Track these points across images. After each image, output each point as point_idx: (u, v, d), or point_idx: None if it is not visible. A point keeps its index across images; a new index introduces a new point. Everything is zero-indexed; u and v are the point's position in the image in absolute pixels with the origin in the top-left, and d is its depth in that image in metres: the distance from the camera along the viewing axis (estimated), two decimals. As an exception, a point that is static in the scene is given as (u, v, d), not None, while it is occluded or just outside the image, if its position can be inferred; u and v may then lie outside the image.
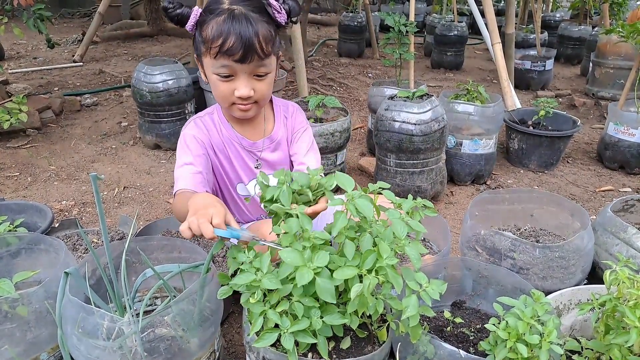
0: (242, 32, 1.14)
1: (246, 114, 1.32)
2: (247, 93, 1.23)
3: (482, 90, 2.54)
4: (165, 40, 6.16)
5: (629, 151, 2.66)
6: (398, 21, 2.50)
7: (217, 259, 1.58)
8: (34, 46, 5.66)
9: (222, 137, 1.41)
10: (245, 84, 1.23)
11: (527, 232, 1.74)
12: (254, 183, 1.46)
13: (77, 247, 1.64)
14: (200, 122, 1.41)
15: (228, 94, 1.25)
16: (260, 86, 1.26)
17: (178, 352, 1.00)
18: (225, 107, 1.32)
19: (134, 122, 3.32)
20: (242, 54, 1.16)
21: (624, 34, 2.72)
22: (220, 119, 1.41)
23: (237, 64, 1.19)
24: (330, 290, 0.86)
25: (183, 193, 1.23)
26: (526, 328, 0.94)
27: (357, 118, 3.59)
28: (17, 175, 2.59)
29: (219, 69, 1.21)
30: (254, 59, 1.18)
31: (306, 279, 0.84)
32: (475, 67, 5.37)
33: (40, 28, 2.96)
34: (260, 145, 1.43)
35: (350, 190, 0.92)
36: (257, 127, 1.44)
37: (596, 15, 6.09)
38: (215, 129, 1.41)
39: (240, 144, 1.42)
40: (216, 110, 1.43)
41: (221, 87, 1.25)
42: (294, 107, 1.51)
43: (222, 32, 1.15)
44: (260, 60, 1.20)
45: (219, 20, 1.16)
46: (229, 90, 1.24)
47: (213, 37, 1.16)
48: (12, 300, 1.04)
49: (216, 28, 1.16)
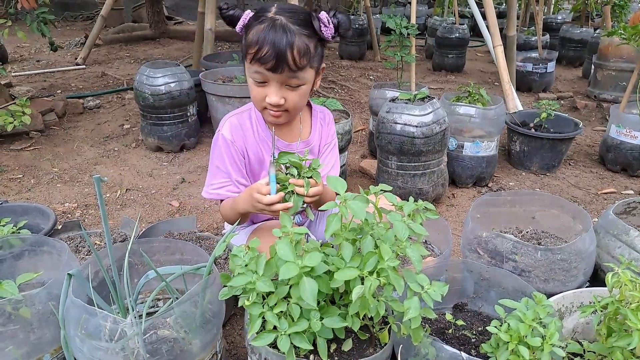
0: (276, 42, 1.16)
1: (277, 120, 1.33)
2: (276, 101, 1.25)
3: (483, 93, 2.54)
4: (167, 43, 6.18)
5: (631, 153, 2.66)
6: (399, 24, 2.51)
7: (219, 261, 1.58)
8: (37, 49, 5.69)
9: (257, 136, 1.42)
10: (275, 92, 1.25)
11: (529, 235, 1.74)
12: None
13: (80, 249, 1.64)
14: (236, 120, 1.42)
15: (260, 98, 1.28)
16: (291, 96, 1.27)
17: (180, 354, 1.01)
18: (259, 110, 1.35)
19: (136, 124, 3.33)
20: (274, 64, 1.18)
21: (626, 36, 2.72)
22: (258, 118, 1.43)
23: (269, 73, 1.21)
24: (314, 292, 0.85)
25: (224, 202, 1.43)
26: (528, 330, 0.94)
27: (359, 120, 3.59)
28: (20, 177, 2.60)
29: (253, 74, 1.24)
30: (285, 69, 1.20)
31: (290, 273, 0.84)
32: (476, 69, 5.37)
33: (44, 31, 2.98)
34: (295, 147, 1.44)
35: (342, 193, 0.93)
36: (293, 129, 1.46)
37: (598, 18, 6.09)
38: (251, 128, 1.42)
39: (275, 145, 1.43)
40: (254, 108, 1.45)
41: (255, 90, 1.28)
42: (330, 117, 1.55)
43: (259, 39, 1.18)
44: (291, 72, 1.21)
45: (260, 27, 1.19)
46: (261, 95, 1.27)
47: (251, 43, 1.20)
48: (15, 301, 1.04)
49: (256, 35, 1.19)
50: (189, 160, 2.88)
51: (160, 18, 6.40)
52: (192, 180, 2.62)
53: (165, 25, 6.46)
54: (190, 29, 6.16)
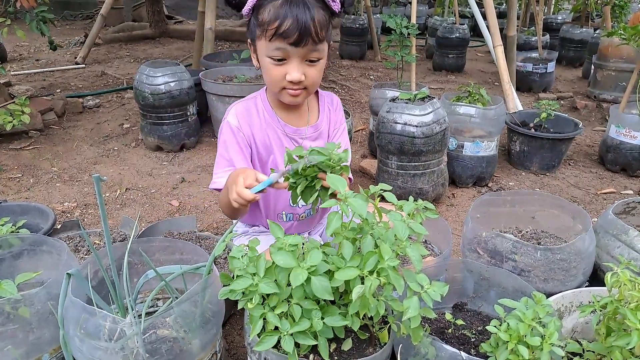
0: (299, 15, 1.16)
1: (296, 100, 1.32)
2: (298, 77, 1.24)
3: (483, 93, 2.54)
4: (167, 43, 6.18)
5: (631, 154, 2.66)
6: (400, 23, 2.51)
7: (219, 261, 1.58)
8: (37, 48, 5.69)
9: (264, 122, 1.41)
10: (297, 68, 1.24)
11: (529, 235, 1.74)
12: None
13: (79, 249, 1.64)
14: (241, 107, 1.42)
15: (280, 78, 1.26)
16: (311, 72, 1.27)
17: (179, 354, 1.00)
18: (276, 91, 1.33)
19: (136, 124, 3.33)
20: (298, 37, 1.18)
21: (626, 37, 2.72)
22: (264, 105, 1.42)
23: (291, 47, 1.20)
24: (327, 288, 0.86)
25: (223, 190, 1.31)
26: (527, 330, 0.94)
27: (359, 120, 3.59)
28: (19, 176, 2.59)
29: (273, 52, 1.22)
30: (309, 42, 1.20)
31: (301, 279, 0.84)
32: (476, 69, 5.37)
33: (43, 30, 2.97)
34: (304, 132, 1.44)
35: (343, 191, 0.92)
36: (301, 115, 1.45)
37: (598, 18, 6.09)
38: (257, 114, 1.41)
39: (283, 130, 1.42)
40: (260, 96, 1.44)
41: (273, 70, 1.26)
42: (337, 101, 1.53)
43: (279, 15, 1.17)
44: (314, 44, 1.21)
45: (276, 3, 1.19)
46: (281, 74, 1.26)
47: (270, 19, 1.18)
48: (14, 301, 1.04)
49: (273, 11, 1.18)
50: (189, 160, 2.88)
51: (160, 17, 6.39)
52: (192, 180, 2.62)
53: (165, 24, 6.46)
54: (190, 28, 6.16)
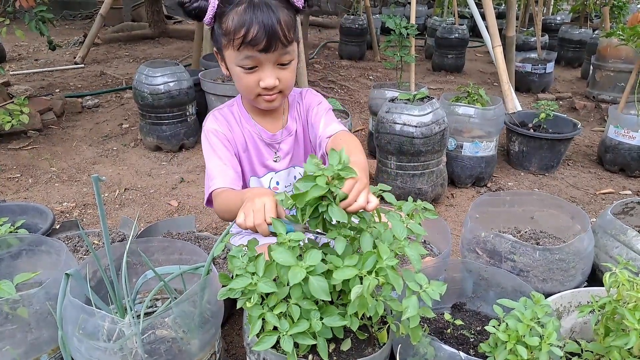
0: (264, 20, 1.12)
1: (272, 105, 1.30)
2: (272, 83, 1.21)
3: (482, 93, 2.55)
4: (166, 43, 6.18)
5: (630, 154, 2.66)
6: (399, 24, 2.51)
7: (218, 261, 1.58)
8: (36, 48, 5.68)
9: (242, 130, 1.40)
10: (270, 74, 1.21)
11: (528, 235, 1.74)
12: (269, 177, 1.46)
13: (78, 249, 1.64)
14: (219, 114, 1.40)
15: (253, 85, 1.23)
16: (284, 75, 1.24)
17: (178, 354, 1.00)
18: (251, 99, 1.30)
19: (135, 124, 3.32)
20: (267, 43, 1.14)
21: (624, 37, 2.73)
22: (241, 112, 1.40)
23: (261, 54, 1.17)
24: (325, 288, 0.85)
25: (224, 192, 1.24)
26: (526, 330, 0.94)
27: (358, 120, 3.59)
28: (18, 176, 2.59)
29: (242, 61, 1.19)
30: (278, 47, 1.16)
31: (299, 277, 0.84)
32: (476, 69, 5.37)
33: (42, 30, 2.97)
34: (279, 136, 1.42)
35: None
36: (277, 118, 1.43)
37: (597, 19, 6.10)
38: (235, 121, 1.40)
39: (260, 137, 1.40)
40: (236, 103, 1.42)
41: (245, 79, 1.23)
42: (305, 90, 1.49)
43: (245, 22, 1.12)
44: (284, 47, 1.18)
45: (239, 10, 1.14)
46: (254, 81, 1.22)
47: (235, 28, 1.14)
48: (13, 301, 1.04)
49: (237, 19, 1.13)
50: (188, 160, 2.88)
51: (160, 17, 6.39)
52: (191, 180, 2.62)
53: (164, 24, 6.45)
54: (189, 28, 6.16)
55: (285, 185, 1.48)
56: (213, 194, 1.26)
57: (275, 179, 1.46)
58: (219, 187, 1.26)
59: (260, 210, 0.96)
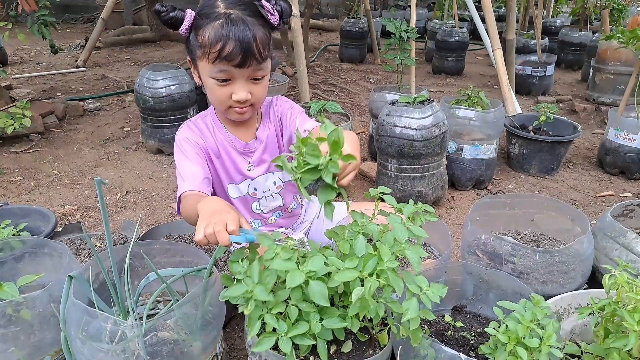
0: (240, 36, 1.15)
1: (242, 117, 1.33)
2: (244, 97, 1.24)
3: (482, 96, 2.55)
4: (168, 46, 6.19)
5: (629, 156, 2.67)
6: (399, 27, 2.52)
7: (220, 263, 1.58)
8: (38, 51, 5.70)
9: (215, 139, 1.42)
10: (242, 87, 1.24)
11: (528, 237, 1.74)
12: (246, 183, 1.47)
13: (80, 251, 1.65)
14: (193, 125, 1.42)
15: (225, 98, 1.26)
16: (257, 89, 1.27)
17: (180, 356, 1.01)
18: (222, 110, 1.33)
19: (136, 127, 3.34)
20: (242, 59, 1.17)
21: (624, 40, 2.74)
22: (214, 122, 1.43)
23: (235, 69, 1.19)
24: (324, 294, 0.86)
25: (190, 196, 1.24)
26: (526, 332, 0.94)
27: (359, 123, 3.60)
28: (20, 179, 2.60)
29: (216, 74, 1.21)
30: (253, 63, 1.19)
31: (297, 281, 0.85)
32: (476, 72, 5.38)
33: (44, 33, 2.99)
34: (252, 146, 1.45)
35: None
36: (249, 128, 1.45)
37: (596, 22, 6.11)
38: (208, 131, 1.42)
39: (233, 146, 1.42)
40: (209, 114, 1.45)
41: (218, 91, 1.25)
42: (276, 98, 1.51)
43: (221, 37, 1.15)
44: (258, 64, 1.21)
45: (215, 24, 1.16)
46: (226, 94, 1.25)
47: (211, 42, 1.16)
48: (16, 303, 1.05)
49: (214, 33, 1.16)
50: (189, 163, 2.89)
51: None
52: (192, 183, 2.63)
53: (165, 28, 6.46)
54: (190, 31, 6.17)
55: (264, 191, 1.50)
56: (181, 197, 1.27)
57: (253, 186, 1.49)
58: (186, 190, 1.26)
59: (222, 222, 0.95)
